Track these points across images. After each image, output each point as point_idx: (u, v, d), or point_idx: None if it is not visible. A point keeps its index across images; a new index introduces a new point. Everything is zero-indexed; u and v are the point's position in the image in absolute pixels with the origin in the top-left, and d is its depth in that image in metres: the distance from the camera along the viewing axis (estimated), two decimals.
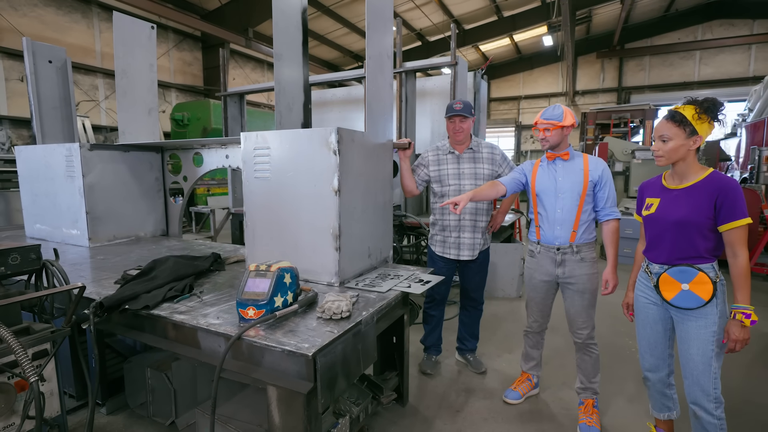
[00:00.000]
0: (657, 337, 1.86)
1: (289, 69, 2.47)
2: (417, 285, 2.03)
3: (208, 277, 2.22)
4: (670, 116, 1.66)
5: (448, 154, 2.67)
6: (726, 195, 1.57)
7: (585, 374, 2.31)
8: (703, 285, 1.64)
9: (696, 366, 1.69)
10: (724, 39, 15.70)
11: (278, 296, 1.59)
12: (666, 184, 1.77)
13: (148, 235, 3.45)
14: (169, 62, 10.98)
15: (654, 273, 1.79)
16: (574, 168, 2.20)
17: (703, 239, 1.65)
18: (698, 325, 1.67)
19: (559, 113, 2.16)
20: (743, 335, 1.58)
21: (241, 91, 5.78)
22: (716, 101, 1.61)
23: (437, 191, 2.70)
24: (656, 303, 1.82)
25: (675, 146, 1.63)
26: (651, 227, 1.78)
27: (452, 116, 2.57)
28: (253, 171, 2.19)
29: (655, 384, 1.93)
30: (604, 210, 2.18)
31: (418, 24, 13.81)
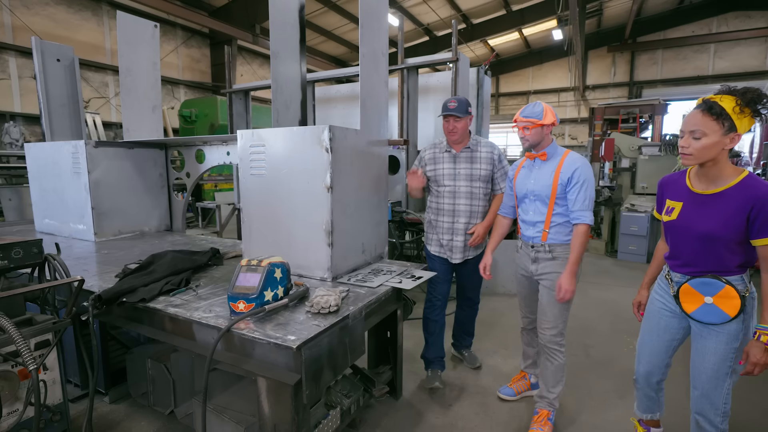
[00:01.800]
0: (661, 346, 1.75)
1: (286, 67, 2.50)
2: (408, 281, 2.06)
3: (206, 271, 2.28)
4: (707, 107, 1.38)
5: (445, 153, 2.57)
6: (762, 207, 1.36)
7: (545, 381, 2.20)
8: (730, 300, 1.46)
9: (709, 380, 1.57)
10: (740, 31, 15.31)
11: (268, 290, 1.64)
12: (691, 187, 1.55)
13: (152, 230, 3.53)
14: (178, 59, 11.09)
15: (675, 282, 1.63)
16: (548, 170, 2.11)
17: (731, 253, 1.47)
18: (719, 340, 1.52)
19: (539, 111, 2.07)
20: (765, 359, 1.40)
21: (247, 87, 5.85)
22: (761, 92, 1.35)
23: (432, 190, 2.64)
24: (672, 312, 1.68)
25: (709, 144, 1.38)
26: (672, 235, 1.61)
27: (446, 116, 2.45)
28: (249, 168, 2.24)
29: (644, 387, 1.86)
30: (573, 213, 2.04)
31: (426, 19, 13.72)
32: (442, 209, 2.56)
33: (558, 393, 2.19)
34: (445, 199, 2.55)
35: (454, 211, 2.54)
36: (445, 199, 2.55)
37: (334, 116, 5.72)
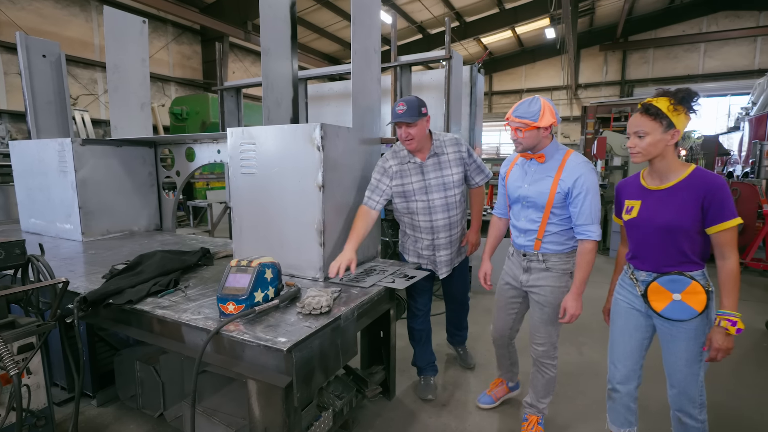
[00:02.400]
0: (634, 346, 1.73)
1: (277, 64, 2.46)
2: (401, 280, 2.04)
3: (196, 271, 2.24)
4: (645, 109, 1.52)
5: (410, 164, 2.24)
6: (714, 195, 1.45)
7: (535, 391, 2.13)
8: (696, 295, 1.52)
9: (684, 377, 1.60)
10: (730, 31, 15.48)
11: (258, 291, 1.61)
12: (645, 185, 1.62)
13: (141, 230, 3.48)
14: (168, 56, 10.95)
15: (641, 281, 1.65)
16: (545, 174, 1.88)
17: (691, 243, 1.53)
18: (689, 337, 1.56)
19: (535, 110, 1.79)
20: (726, 344, 1.46)
21: (238, 85, 5.77)
22: (690, 91, 1.48)
23: (400, 208, 2.32)
24: (639, 310, 1.70)
25: (653, 141, 1.50)
26: (634, 232, 1.65)
27: (397, 123, 2.12)
28: (239, 166, 2.20)
29: (623, 397, 1.78)
30: (577, 227, 1.84)
31: (419, 16, 13.69)
32: (418, 226, 2.33)
33: (548, 403, 2.14)
34: (419, 216, 2.29)
35: (432, 228, 2.30)
36: (420, 216, 2.29)
37: (327, 114, 5.67)
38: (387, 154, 2.28)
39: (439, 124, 4.86)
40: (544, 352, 2.04)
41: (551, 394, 2.14)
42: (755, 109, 10.94)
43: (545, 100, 1.82)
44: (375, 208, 2.19)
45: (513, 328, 2.21)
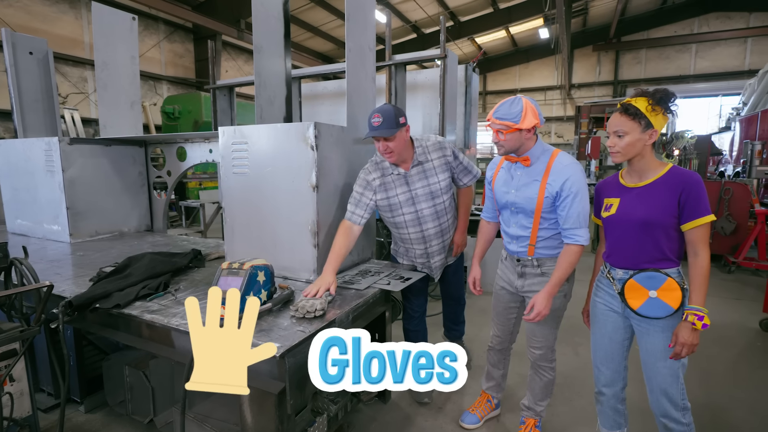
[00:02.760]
0: (615, 347, 1.73)
1: (270, 61, 2.42)
2: (397, 282, 2.00)
3: (187, 274, 2.19)
4: (624, 109, 1.53)
5: (394, 175, 2.12)
6: (690, 191, 1.47)
7: (533, 394, 2.09)
8: (672, 292, 1.53)
9: (664, 380, 1.59)
10: (721, 32, 15.64)
11: (251, 295, 1.56)
12: (624, 183, 1.63)
13: (131, 231, 3.41)
14: (160, 54, 10.83)
15: (618, 279, 1.65)
16: (532, 178, 1.80)
17: (668, 240, 1.54)
18: (665, 337, 1.56)
19: (516, 112, 1.70)
20: (692, 339, 1.46)
21: (231, 83, 5.70)
22: (668, 92, 1.50)
23: (388, 221, 2.25)
24: (617, 311, 1.69)
25: (631, 141, 1.51)
26: (612, 229, 1.66)
27: (374, 137, 2.00)
28: (231, 166, 2.16)
29: (609, 400, 1.78)
30: (565, 231, 1.77)
31: (413, 16, 13.66)
32: (408, 239, 2.25)
33: (546, 405, 2.10)
34: (409, 228, 2.21)
35: (424, 238, 2.23)
36: (410, 228, 2.20)
37: (321, 113, 5.63)
38: (369, 166, 2.15)
39: (434, 124, 4.84)
40: (542, 355, 2.00)
41: (549, 396, 2.10)
42: (746, 110, 11.05)
43: (527, 100, 1.73)
44: (359, 224, 2.06)
45: (513, 333, 2.17)
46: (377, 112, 1.96)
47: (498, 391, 2.31)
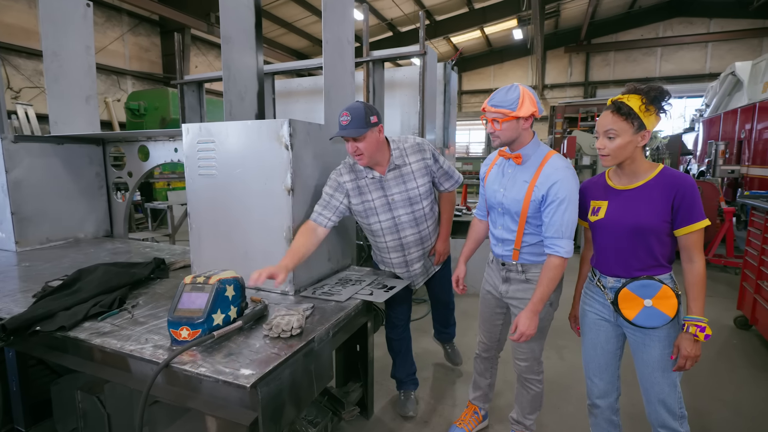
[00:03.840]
0: (608, 358, 1.65)
1: (240, 54, 2.23)
2: (380, 292, 1.87)
3: (147, 286, 1.98)
4: (616, 108, 1.41)
5: (368, 179, 1.96)
6: (684, 195, 1.39)
7: (521, 408, 2.01)
8: (668, 300, 1.44)
9: (662, 390, 1.51)
10: (683, 36, 16.29)
11: (218, 313, 1.39)
12: (612, 184, 1.53)
13: (88, 237, 3.13)
14: (124, 47, 10.28)
15: (609, 288, 1.56)
16: (521, 179, 1.69)
17: (661, 245, 1.46)
18: (663, 345, 1.48)
19: (513, 98, 1.58)
20: (695, 351, 1.40)
21: (200, 79, 5.41)
22: (663, 90, 1.38)
23: (366, 227, 2.09)
24: (608, 319, 1.61)
25: (623, 143, 1.40)
26: (601, 235, 1.55)
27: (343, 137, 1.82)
28: (196, 167, 1.96)
29: (604, 412, 1.70)
30: (546, 240, 1.64)
31: (389, 14, 13.55)
32: (385, 247, 2.10)
33: (535, 419, 2.02)
34: (386, 236, 2.05)
35: (402, 246, 2.08)
36: (387, 236, 2.05)
37: (296, 111, 5.42)
38: (342, 167, 1.98)
39: (413, 123, 4.72)
40: (527, 367, 1.90)
41: (538, 410, 2.01)
42: (708, 111, 11.52)
43: (525, 87, 1.62)
44: (325, 226, 1.87)
45: (500, 340, 2.08)
46: (346, 110, 1.79)
47: (485, 402, 2.21)
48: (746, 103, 7.67)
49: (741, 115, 7.57)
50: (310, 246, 1.80)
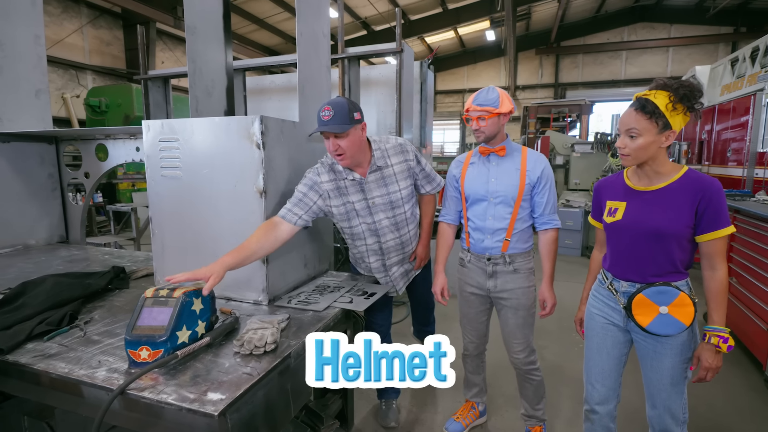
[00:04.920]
0: (612, 363, 1.60)
1: (207, 46, 2.09)
2: (360, 299, 1.77)
3: (104, 299, 1.80)
4: (640, 106, 1.34)
5: (348, 181, 1.85)
6: (710, 200, 1.31)
7: (528, 401, 2.08)
8: (684, 307, 1.38)
9: (669, 396, 1.48)
10: (647, 41, 16.97)
11: (183, 329, 1.26)
12: (631, 185, 1.48)
13: (40, 243, 2.88)
14: (83, 40, 9.71)
15: (622, 292, 1.50)
16: (510, 167, 1.85)
17: (681, 251, 1.40)
18: (674, 353, 1.43)
19: (494, 97, 1.77)
20: (716, 363, 1.35)
21: (166, 74, 5.14)
22: (694, 87, 1.30)
23: (347, 230, 1.99)
24: (617, 324, 1.56)
25: (645, 144, 1.34)
26: (617, 237, 1.50)
27: (323, 132, 1.71)
28: (159, 168, 1.80)
29: (602, 418, 1.65)
30: (543, 217, 1.86)
31: (363, 12, 13.43)
32: (365, 251, 2.02)
33: (543, 407, 2.09)
34: (367, 240, 1.97)
35: (382, 250, 2.00)
36: (367, 240, 1.97)
37: (269, 110, 5.23)
38: (320, 167, 1.85)
39: (389, 122, 4.64)
40: (525, 358, 1.98)
41: (544, 398, 2.08)
42: None
43: (500, 89, 1.82)
44: (295, 223, 1.70)
45: (485, 336, 2.14)
46: (328, 105, 1.67)
47: (482, 396, 2.26)
48: (706, 106, 8.03)
49: (701, 116, 7.92)
50: (266, 244, 1.60)
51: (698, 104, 1.32)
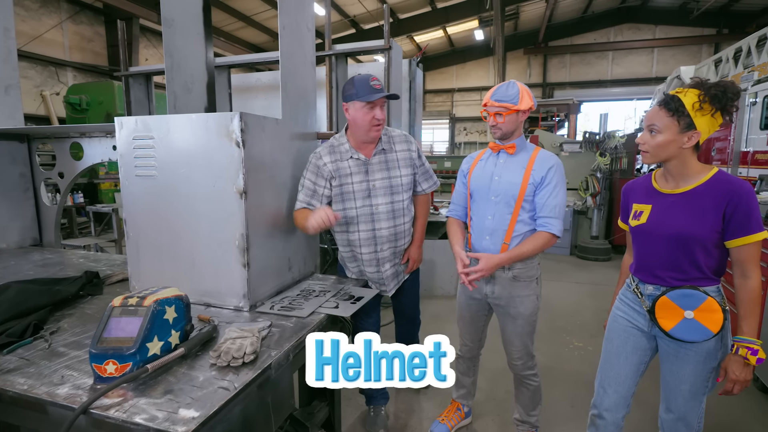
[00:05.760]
0: (629, 370, 1.54)
1: (185, 39, 2.00)
2: (346, 304, 1.70)
3: (75, 306, 1.70)
4: (664, 102, 1.30)
5: (351, 160, 1.87)
6: (739, 203, 1.25)
7: (523, 406, 2.04)
8: (712, 314, 1.31)
9: (686, 403, 1.42)
10: (632, 42, 17.20)
11: (154, 340, 1.17)
12: (658, 187, 1.43)
13: (12, 246, 2.74)
14: (63, 36, 9.45)
15: (647, 295, 1.44)
16: (516, 165, 1.77)
17: (707, 256, 1.33)
18: (698, 361, 1.37)
19: (513, 93, 1.69)
20: (745, 375, 1.28)
21: (148, 71, 4.98)
22: (728, 88, 1.24)
23: (339, 213, 1.92)
24: (642, 329, 1.50)
25: (663, 141, 1.30)
26: (642, 240, 1.45)
27: (375, 100, 1.77)
28: (133, 167, 1.70)
29: (608, 426, 1.59)
30: (541, 219, 1.73)
31: (352, 10, 13.33)
32: (356, 239, 1.96)
33: (538, 413, 2.06)
34: (360, 226, 1.93)
35: (375, 239, 1.95)
36: (361, 225, 1.93)
37: (255, 108, 5.11)
38: (322, 150, 1.90)
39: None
40: (523, 364, 1.94)
41: (539, 404, 2.04)
42: None
43: (521, 84, 1.74)
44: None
45: (483, 338, 2.11)
46: (373, 75, 1.79)
47: (469, 399, 2.23)
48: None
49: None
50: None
51: (731, 106, 1.26)
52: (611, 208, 5.83)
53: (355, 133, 1.88)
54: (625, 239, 1.66)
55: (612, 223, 5.76)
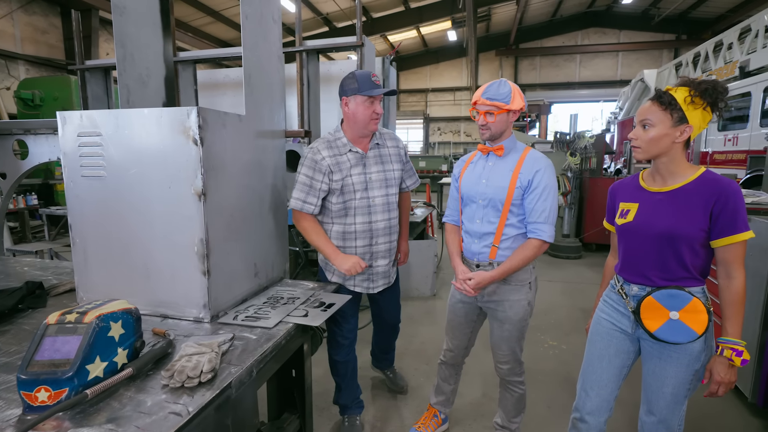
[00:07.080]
0: (612, 373, 1.50)
1: (140, 29, 1.85)
2: (316, 311, 1.60)
3: (12, 322, 1.53)
4: (657, 97, 1.30)
5: (349, 154, 1.91)
6: (726, 202, 1.24)
7: (505, 412, 1.99)
8: (697, 314, 1.30)
9: (668, 405, 1.40)
10: (598, 45, 17.81)
11: (96, 361, 1.04)
12: (645, 185, 1.42)
13: None
14: (14, 27, 8.84)
15: (632, 296, 1.42)
16: (504, 168, 1.73)
17: (694, 255, 1.31)
18: (680, 363, 1.35)
19: (506, 92, 1.64)
20: (730, 377, 1.27)
21: (106, 65, 4.67)
22: (717, 84, 1.25)
23: (334, 208, 1.93)
24: (625, 331, 1.47)
25: (657, 135, 1.29)
26: (628, 239, 1.44)
27: (375, 96, 1.81)
28: (78, 167, 1.55)
29: (590, 430, 1.55)
30: (530, 225, 1.69)
31: (324, 8, 13.15)
32: (352, 231, 1.95)
33: (520, 421, 1.99)
34: (357, 218, 1.94)
35: (372, 231, 1.96)
36: (358, 218, 1.94)
37: (223, 105, 4.90)
38: (319, 144, 1.92)
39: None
40: (510, 369, 1.88)
41: (522, 412, 1.98)
42: (621, 114, 12.61)
43: (512, 83, 1.70)
44: (314, 213, 1.93)
45: (468, 347, 2.04)
46: (372, 72, 1.83)
47: (447, 406, 2.17)
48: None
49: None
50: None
51: (721, 102, 1.26)
52: (581, 207, 5.95)
53: (354, 127, 1.90)
54: (595, 237, 1.65)
55: (582, 222, 5.88)
